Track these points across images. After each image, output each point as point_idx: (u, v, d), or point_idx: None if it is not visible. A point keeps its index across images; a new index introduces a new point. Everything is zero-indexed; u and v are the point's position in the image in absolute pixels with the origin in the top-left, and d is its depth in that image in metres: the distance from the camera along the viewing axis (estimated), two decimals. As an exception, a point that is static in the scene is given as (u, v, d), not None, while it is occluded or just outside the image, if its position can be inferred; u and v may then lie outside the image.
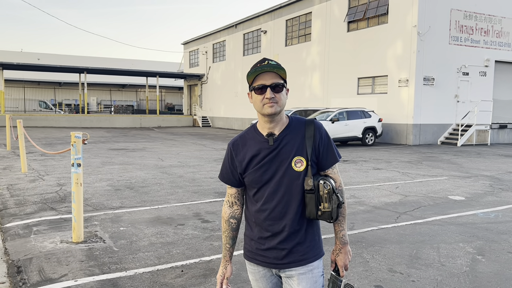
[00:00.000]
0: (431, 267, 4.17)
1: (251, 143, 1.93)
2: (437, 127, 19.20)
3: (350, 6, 21.69)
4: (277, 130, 1.89)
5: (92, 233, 5.15)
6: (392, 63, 19.32)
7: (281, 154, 1.87)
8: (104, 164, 11.31)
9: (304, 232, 1.91)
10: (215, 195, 7.47)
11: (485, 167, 11.68)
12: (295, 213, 1.88)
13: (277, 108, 1.82)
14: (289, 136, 1.89)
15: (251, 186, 1.94)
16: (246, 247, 2.02)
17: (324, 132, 1.93)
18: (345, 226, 1.98)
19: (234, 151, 1.96)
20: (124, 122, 33.78)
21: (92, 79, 45.32)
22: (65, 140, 18.51)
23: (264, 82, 1.82)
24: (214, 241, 4.91)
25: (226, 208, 2.04)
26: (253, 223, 1.96)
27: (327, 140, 1.92)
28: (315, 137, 1.89)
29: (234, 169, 1.96)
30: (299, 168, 1.86)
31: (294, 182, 1.87)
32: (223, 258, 2.06)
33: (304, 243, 1.91)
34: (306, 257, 1.90)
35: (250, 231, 1.99)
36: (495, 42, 20.24)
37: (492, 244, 4.92)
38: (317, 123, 1.92)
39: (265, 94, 1.81)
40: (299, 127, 1.91)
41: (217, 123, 35.40)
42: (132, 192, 7.67)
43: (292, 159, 1.86)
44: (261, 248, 1.93)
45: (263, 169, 1.88)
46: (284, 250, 1.89)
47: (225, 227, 2.03)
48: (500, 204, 7.07)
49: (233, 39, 32.80)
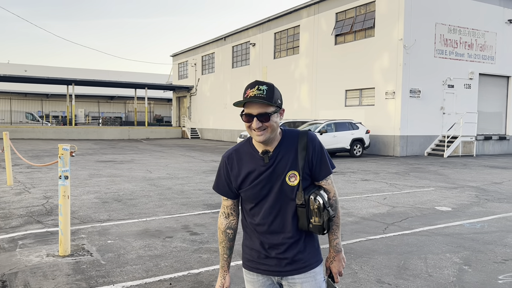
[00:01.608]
0: (418, 278, 4.20)
1: (246, 159, 1.94)
2: (423, 139, 19.44)
3: (337, 19, 22.01)
4: (271, 147, 1.91)
5: (79, 246, 5.09)
6: (379, 75, 19.59)
7: (276, 170, 1.89)
8: (91, 176, 11.21)
9: (304, 241, 1.94)
10: (204, 207, 7.44)
11: (471, 178, 11.83)
12: (292, 226, 1.91)
13: (266, 135, 1.84)
14: (283, 151, 1.91)
15: (248, 201, 1.96)
16: (245, 257, 2.03)
17: (318, 144, 1.93)
18: (339, 235, 2.02)
19: (229, 165, 1.97)
20: (112, 134, 33.56)
21: (80, 90, 45.05)
22: (52, 152, 18.31)
23: (251, 111, 1.82)
24: (203, 253, 4.89)
25: (222, 219, 2.05)
26: (252, 233, 1.98)
27: (321, 151, 1.93)
28: (308, 150, 1.90)
29: (230, 182, 1.98)
30: (293, 183, 1.89)
31: (289, 197, 1.90)
32: (221, 268, 2.08)
33: (305, 251, 1.94)
34: (308, 263, 1.94)
35: (250, 240, 2.00)
36: (479, 56, 20.68)
37: (478, 254, 4.98)
38: (310, 135, 1.93)
39: (252, 124, 1.82)
40: (292, 140, 1.92)
41: (206, 134, 35.37)
42: (120, 204, 7.61)
43: (286, 174, 1.88)
44: (262, 257, 1.95)
45: (259, 186, 1.91)
46: (286, 259, 1.92)
47: (222, 237, 2.05)
48: (486, 214, 7.16)
49: (222, 52, 32.98)
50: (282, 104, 1.91)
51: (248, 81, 29.66)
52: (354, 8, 20.96)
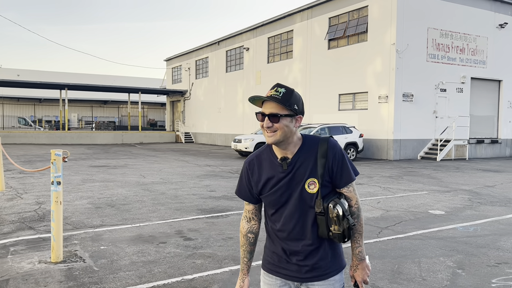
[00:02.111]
0: (412, 282, 4.21)
1: (266, 165, 1.94)
2: (416, 142, 19.54)
3: (330, 24, 22.12)
4: (290, 153, 1.90)
5: (72, 252, 5.05)
6: (372, 80, 19.70)
7: (295, 177, 1.89)
8: (84, 181, 11.14)
9: (325, 248, 1.93)
10: (198, 212, 7.42)
11: (463, 181, 11.90)
12: (312, 233, 1.90)
13: (276, 137, 1.83)
14: (302, 158, 1.89)
15: (269, 207, 1.97)
16: (266, 259, 2.03)
17: (338, 151, 1.90)
18: (362, 243, 1.99)
19: (250, 171, 1.99)
20: (106, 138, 33.41)
21: (73, 95, 44.84)
22: (45, 157, 18.18)
23: (264, 110, 1.85)
24: (197, 259, 4.87)
25: (244, 223, 2.07)
26: (274, 237, 1.98)
27: (341, 159, 1.90)
28: (328, 157, 1.88)
29: (251, 188, 1.99)
30: (312, 190, 1.87)
31: (308, 204, 1.89)
32: (240, 271, 2.09)
33: (326, 258, 1.93)
34: (328, 271, 1.93)
35: (272, 244, 2.00)
36: (471, 60, 20.86)
37: (472, 257, 5.00)
38: (330, 142, 1.91)
39: (263, 123, 1.84)
40: (312, 147, 1.90)
41: (200, 139, 35.32)
42: (113, 210, 7.56)
43: (306, 181, 1.87)
44: (283, 262, 1.95)
45: (279, 192, 1.91)
46: (306, 267, 1.92)
47: (243, 241, 2.07)
48: (478, 218, 7.20)
49: (216, 56, 33.01)
50: (301, 111, 1.89)
51: (242, 85, 29.71)
52: (347, 13, 21.09)
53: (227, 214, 7.33)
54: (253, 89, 28.38)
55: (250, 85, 28.76)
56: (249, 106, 28.81)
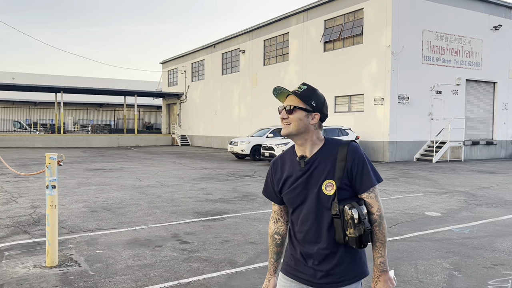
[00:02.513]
0: (409, 284, 4.21)
1: (288, 163, 1.97)
2: (412, 144, 19.60)
3: (326, 26, 22.19)
4: (309, 152, 1.91)
5: (67, 256, 5.01)
6: (367, 82, 19.75)
7: (312, 177, 1.88)
8: (80, 185, 11.09)
9: (342, 254, 1.88)
10: (194, 215, 7.39)
11: (459, 183, 11.94)
12: (329, 236, 1.87)
13: (289, 130, 1.88)
14: (321, 158, 1.89)
15: (288, 205, 1.98)
16: (286, 261, 2.03)
17: (359, 155, 1.87)
18: (384, 253, 1.91)
19: (274, 170, 2.02)
20: (102, 141, 33.31)
21: (69, 98, 44.70)
22: (40, 161, 18.10)
23: (283, 103, 1.94)
24: (193, 262, 4.85)
25: (271, 224, 2.09)
26: (295, 242, 1.98)
27: (362, 163, 1.87)
28: (347, 160, 1.86)
29: (274, 187, 2.02)
30: (329, 192, 1.85)
31: (324, 206, 1.87)
32: (268, 271, 2.10)
33: (342, 265, 1.88)
34: (343, 279, 1.88)
35: (292, 246, 2.00)
36: (466, 62, 20.97)
37: (468, 259, 5.01)
38: (351, 145, 1.89)
39: (281, 115, 1.92)
40: (333, 150, 1.90)
41: (196, 141, 35.28)
42: (109, 213, 7.52)
43: (323, 183, 1.86)
44: (301, 265, 1.95)
45: (296, 191, 1.91)
46: (321, 272, 1.89)
47: (270, 242, 2.08)
48: (474, 219, 7.22)
49: (212, 59, 33.01)
50: (320, 109, 1.91)
51: (238, 88, 29.72)
52: (343, 16, 21.15)
53: (224, 217, 7.31)
54: (249, 92, 28.39)
55: (246, 88, 28.77)
56: (245, 109, 28.82)
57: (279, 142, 16.82)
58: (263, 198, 9.16)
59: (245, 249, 5.37)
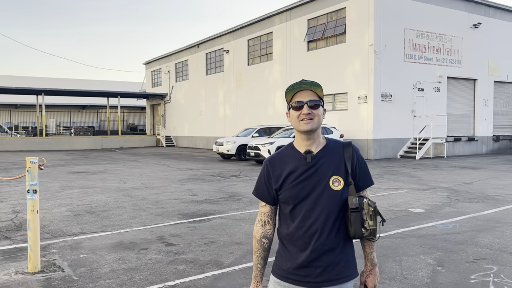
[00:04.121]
0: (394, 280, 4.25)
1: (289, 160, 1.95)
2: (396, 142, 19.81)
3: (309, 26, 22.28)
4: (315, 148, 1.93)
5: (50, 262, 4.93)
6: (351, 80, 19.90)
7: (319, 172, 1.89)
8: (63, 188, 10.93)
9: (339, 252, 1.91)
10: (179, 217, 7.35)
11: (442, 179, 12.11)
12: (331, 232, 1.88)
13: (313, 125, 1.88)
14: (327, 155, 1.92)
15: (287, 203, 1.94)
16: (277, 264, 1.99)
17: (361, 155, 1.99)
18: (374, 248, 2.02)
19: (270, 167, 1.98)
20: (85, 144, 32.89)
21: (51, 100, 43.97)
22: (22, 165, 17.78)
23: (301, 99, 1.89)
24: (179, 264, 4.82)
25: (258, 228, 2.03)
26: (288, 242, 1.95)
27: (364, 163, 1.98)
28: (353, 159, 1.94)
29: (269, 186, 1.98)
30: (337, 187, 1.88)
31: (332, 201, 1.88)
32: (253, 278, 2.04)
33: (339, 263, 1.91)
34: (339, 276, 1.90)
35: (285, 250, 1.96)
36: (447, 60, 21.28)
37: (451, 254, 5.09)
38: (354, 146, 1.98)
39: (302, 110, 1.87)
40: (337, 148, 1.95)
41: (182, 142, 35.09)
42: (93, 216, 7.43)
43: (330, 178, 1.89)
44: (295, 267, 1.91)
45: (300, 185, 1.90)
46: (319, 268, 1.88)
47: (257, 247, 2.02)
48: (457, 215, 7.33)
49: (196, 59, 32.87)
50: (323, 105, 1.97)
51: (222, 88, 29.63)
52: (325, 15, 21.27)
53: (210, 218, 7.29)
54: (234, 92, 28.35)
55: (231, 88, 28.73)
56: (231, 109, 28.78)
57: (265, 142, 16.83)
58: (249, 198, 9.15)
59: (231, 250, 5.36)
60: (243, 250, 5.34)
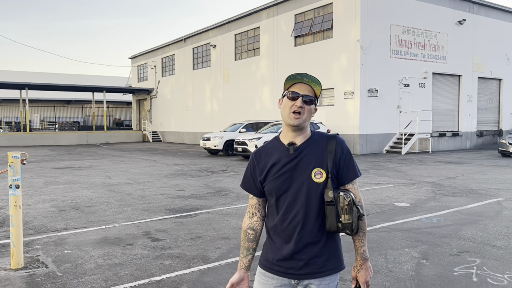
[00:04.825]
0: (379, 274, 4.29)
1: (273, 152, 1.96)
2: (382, 137, 19.98)
3: (296, 21, 22.27)
4: (299, 140, 1.93)
5: (34, 258, 4.86)
6: (338, 76, 19.97)
7: (301, 164, 1.89)
8: (47, 184, 10.77)
9: (323, 245, 1.90)
10: (166, 212, 7.31)
11: (427, 173, 12.26)
12: (313, 225, 1.88)
13: (301, 121, 1.89)
14: (310, 147, 1.92)
15: (270, 195, 1.94)
16: (263, 256, 2.00)
17: (346, 148, 1.95)
18: (366, 242, 1.98)
19: (256, 160, 1.99)
20: (70, 139, 32.47)
21: (35, 95, 43.28)
22: (4, 160, 17.47)
23: (298, 91, 1.90)
24: (165, 260, 4.79)
25: (246, 219, 2.04)
26: (273, 233, 1.95)
27: (348, 155, 1.95)
28: (336, 151, 1.92)
29: (255, 178, 1.98)
30: (318, 180, 1.87)
31: (313, 193, 1.87)
32: (238, 266, 2.04)
33: (322, 256, 1.90)
34: (324, 269, 1.90)
35: (271, 241, 1.97)
36: (432, 56, 21.50)
37: (435, 247, 5.15)
38: (339, 138, 1.96)
39: (296, 102, 1.88)
40: (320, 141, 1.94)
41: (168, 137, 34.87)
42: (78, 212, 7.34)
43: (312, 170, 1.88)
44: (279, 258, 1.91)
45: (283, 177, 1.89)
46: (302, 261, 1.88)
47: (242, 237, 2.04)
48: (441, 208, 7.43)
49: (183, 53, 32.63)
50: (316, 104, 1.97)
51: (209, 83, 29.49)
52: (312, 10, 21.28)
53: (196, 213, 7.26)
54: (221, 87, 28.24)
55: (218, 83, 28.61)
56: (218, 104, 28.67)
57: (252, 137, 16.81)
58: (236, 193, 9.15)
59: (218, 245, 5.35)
60: (229, 245, 5.33)
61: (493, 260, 4.66)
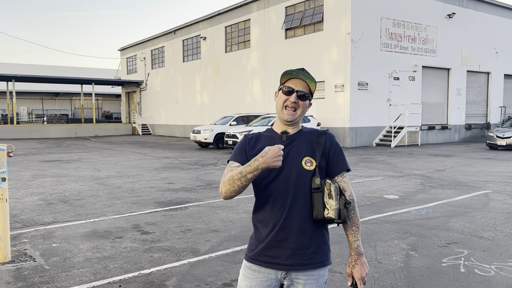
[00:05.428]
0: (369, 265, 4.31)
1: (265, 139, 1.98)
2: (372, 130, 20.08)
3: (287, 13, 22.18)
4: (291, 130, 1.97)
5: (21, 251, 4.81)
6: (328, 69, 19.98)
7: (292, 152, 1.91)
8: (35, 177, 10.65)
9: (311, 236, 1.88)
10: (155, 205, 7.27)
11: (416, 166, 12.36)
12: (302, 212, 1.87)
13: (295, 117, 1.92)
14: (301, 138, 1.96)
15: (260, 182, 1.91)
16: (249, 248, 1.98)
17: (335, 142, 2.00)
18: (359, 237, 1.96)
19: (248, 144, 1.98)
20: (58, 132, 32.12)
21: (22, 87, 42.66)
22: (-9, 153, 17.22)
23: (293, 86, 1.93)
24: (154, 252, 4.77)
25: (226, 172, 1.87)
26: (260, 223, 1.93)
27: (338, 149, 1.99)
28: (326, 144, 1.95)
29: (247, 152, 1.95)
30: (309, 167, 1.89)
31: (302, 181, 1.88)
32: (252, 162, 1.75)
33: (310, 247, 1.88)
34: (311, 261, 1.88)
35: (257, 231, 1.95)
36: (422, 49, 21.59)
37: (424, 239, 5.20)
38: (329, 133, 2.00)
39: (290, 97, 1.91)
40: (311, 135, 1.99)
41: (158, 130, 34.67)
42: (66, 205, 7.27)
43: (303, 158, 1.90)
44: (264, 246, 1.89)
45: None
46: (289, 249, 1.86)
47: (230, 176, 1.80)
48: (430, 201, 7.50)
49: (172, 45, 32.36)
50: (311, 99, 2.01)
51: (200, 75, 29.31)
52: (303, 2, 21.20)
53: (186, 206, 7.23)
54: (212, 79, 28.10)
55: (208, 75, 28.45)
56: (208, 96, 28.53)
57: (243, 130, 16.78)
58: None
59: (208, 237, 5.34)
60: (220, 238, 5.33)
61: (480, 251, 4.72)
